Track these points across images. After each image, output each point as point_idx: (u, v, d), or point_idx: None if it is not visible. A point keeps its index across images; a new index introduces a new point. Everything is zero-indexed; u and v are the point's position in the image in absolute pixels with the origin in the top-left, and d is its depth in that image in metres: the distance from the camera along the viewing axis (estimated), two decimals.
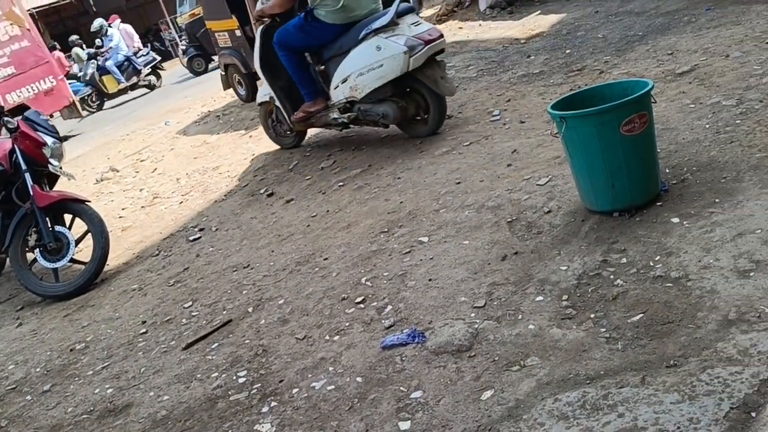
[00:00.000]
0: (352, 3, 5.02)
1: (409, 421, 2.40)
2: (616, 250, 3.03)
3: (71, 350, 3.99)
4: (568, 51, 6.76)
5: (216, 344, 3.46)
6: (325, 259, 3.98)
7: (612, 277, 2.86)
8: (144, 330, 3.92)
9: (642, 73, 5.31)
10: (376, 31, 4.93)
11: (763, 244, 2.69)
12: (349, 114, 5.43)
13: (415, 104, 5.25)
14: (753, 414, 1.92)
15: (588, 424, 2.09)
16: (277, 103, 5.87)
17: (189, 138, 8.71)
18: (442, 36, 5.06)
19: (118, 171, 8.24)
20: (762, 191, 3.08)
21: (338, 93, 5.31)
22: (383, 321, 3.11)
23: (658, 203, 3.28)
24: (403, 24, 4.90)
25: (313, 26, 5.10)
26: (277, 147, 6.75)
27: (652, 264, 2.84)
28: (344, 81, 5.18)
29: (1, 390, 3.71)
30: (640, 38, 6.36)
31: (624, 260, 2.94)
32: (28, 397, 3.54)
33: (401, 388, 2.60)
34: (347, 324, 3.20)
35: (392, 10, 4.87)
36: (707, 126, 3.95)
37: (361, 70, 5.04)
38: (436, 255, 3.56)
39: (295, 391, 2.83)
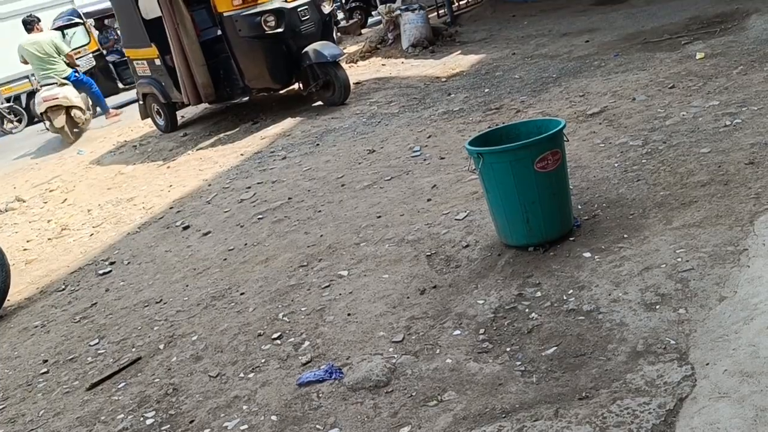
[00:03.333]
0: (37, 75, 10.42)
1: None
2: (531, 284, 3.08)
3: None
4: (486, 90, 6.96)
5: (123, 383, 3.29)
6: (242, 293, 3.88)
7: (527, 310, 2.90)
8: (45, 370, 3.69)
9: (556, 113, 5.51)
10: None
11: (667, 278, 2.80)
12: None
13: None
14: None
15: None
16: None
17: (103, 168, 8.39)
18: (57, 98, 9.90)
19: (24, 201, 7.81)
20: (666, 227, 3.22)
21: None
22: (300, 357, 3.04)
23: (571, 238, 3.38)
24: (41, 90, 10.09)
25: None
26: (196, 180, 6.63)
27: (565, 297, 2.90)
28: None
29: None
30: (554, 80, 6.62)
31: (539, 294, 2.99)
32: None
33: (317, 426, 2.53)
34: (263, 361, 3.11)
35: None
36: (616, 165, 4.12)
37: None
38: (355, 289, 3.52)
39: None
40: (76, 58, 11.37)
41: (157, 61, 8.58)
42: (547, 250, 3.33)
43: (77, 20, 13.19)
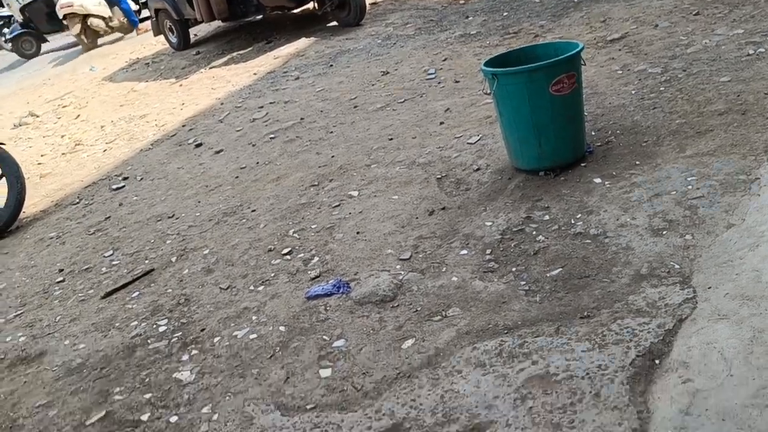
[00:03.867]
0: None
1: (330, 369, 2.41)
2: (540, 208, 3.09)
3: None
4: (505, 14, 6.78)
5: (137, 293, 3.38)
6: (253, 210, 3.92)
7: (534, 233, 2.92)
8: (61, 278, 3.79)
9: (575, 38, 5.38)
10: None
11: (676, 205, 2.80)
12: None
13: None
14: (657, 361, 2.02)
15: (503, 370, 2.15)
16: None
17: (115, 85, 8.36)
18: (72, 6, 10.60)
19: (38, 116, 7.84)
20: (679, 155, 3.19)
21: None
22: (309, 272, 3.10)
23: (583, 164, 3.36)
24: None
25: None
26: (208, 99, 6.59)
27: (573, 221, 2.91)
28: None
29: None
30: (575, 5, 6.44)
31: (547, 217, 3.00)
32: None
33: (324, 337, 2.60)
34: (273, 275, 3.18)
35: None
36: (633, 92, 4.05)
37: None
38: (365, 209, 3.55)
39: (216, 339, 2.79)
40: None
41: None
42: (558, 175, 3.32)
43: None
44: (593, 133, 3.65)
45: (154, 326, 3.03)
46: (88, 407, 2.59)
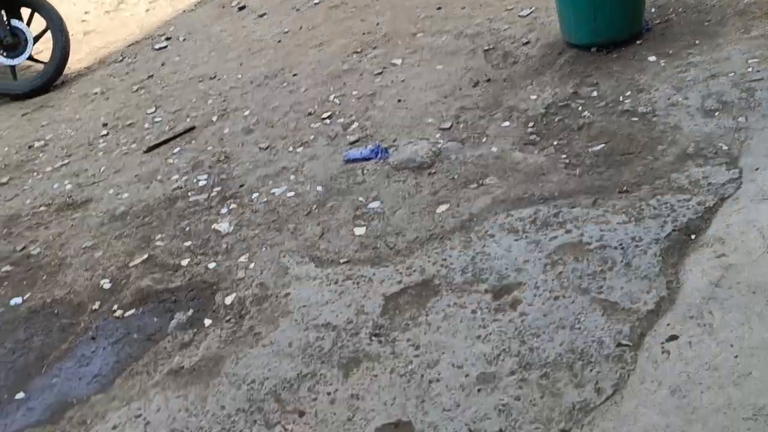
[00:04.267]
0: None
1: (365, 228, 2.46)
2: (589, 84, 2.99)
3: (30, 147, 3.93)
4: None
5: (178, 149, 3.43)
6: (295, 75, 3.88)
7: (580, 108, 2.84)
8: (105, 132, 3.86)
9: None
10: None
11: (733, 87, 2.67)
12: None
13: None
14: (693, 236, 2.00)
15: (536, 237, 2.16)
16: None
17: None
18: None
19: None
20: (742, 36, 3.02)
21: None
22: (348, 136, 3.09)
23: (638, 41, 3.21)
24: None
25: None
26: None
27: (621, 99, 2.82)
28: None
29: None
30: None
31: (594, 94, 2.91)
32: None
33: (360, 198, 2.63)
34: (312, 137, 3.18)
35: None
36: None
37: None
38: (408, 78, 3.48)
39: (255, 195, 2.85)
40: None
41: None
42: (611, 52, 3.18)
43: None
44: (653, 10, 3.46)
45: (195, 180, 3.09)
46: (131, 251, 2.71)
